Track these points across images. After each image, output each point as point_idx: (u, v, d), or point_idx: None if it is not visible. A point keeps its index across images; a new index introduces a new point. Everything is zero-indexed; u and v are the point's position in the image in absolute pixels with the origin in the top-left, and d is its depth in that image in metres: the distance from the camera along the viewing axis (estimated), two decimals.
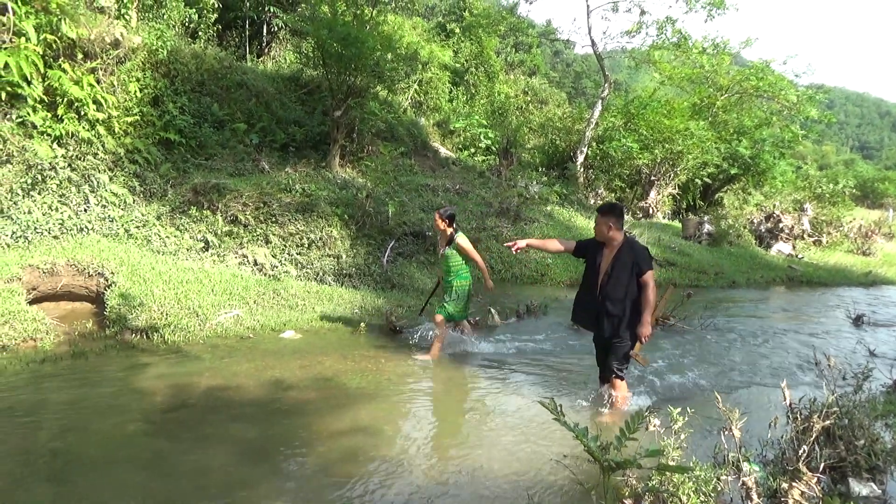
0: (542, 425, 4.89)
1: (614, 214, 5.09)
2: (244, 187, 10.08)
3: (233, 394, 5.39)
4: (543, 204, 14.58)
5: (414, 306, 8.78)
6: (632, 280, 5.01)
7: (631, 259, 5.02)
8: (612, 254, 5.11)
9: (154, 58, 10.98)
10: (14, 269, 6.88)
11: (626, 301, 5.04)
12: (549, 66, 47.60)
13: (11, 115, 8.66)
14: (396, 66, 13.43)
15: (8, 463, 4.02)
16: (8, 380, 5.26)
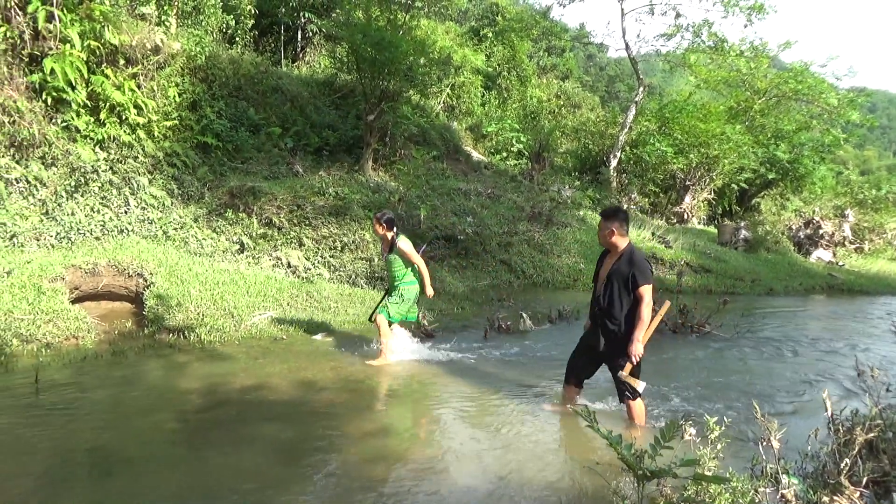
0: (574, 432, 4.85)
1: (618, 219, 4.78)
2: (279, 190, 10.21)
3: (266, 394, 5.45)
4: (576, 208, 14.48)
5: (446, 310, 8.80)
6: (628, 293, 4.68)
7: (629, 270, 4.67)
8: (612, 262, 4.81)
9: (192, 63, 11.23)
10: (58, 269, 7.09)
11: (621, 315, 4.72)
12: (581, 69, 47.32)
13: (57, 119, 8.93)
14: (429, 71, 13.50)
15: (51, 457, 4.13)
16: (51, 376, 5.40)
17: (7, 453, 4.12)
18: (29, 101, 8.64)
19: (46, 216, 8.17)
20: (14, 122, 8.35)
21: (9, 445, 4.23)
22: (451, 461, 4.35)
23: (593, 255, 12.40)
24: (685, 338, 8.19)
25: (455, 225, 11.11)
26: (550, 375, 6.41)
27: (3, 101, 8.33)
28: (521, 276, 11.04)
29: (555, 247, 12.13)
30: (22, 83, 8.71)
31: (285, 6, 16.37)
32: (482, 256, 10.99)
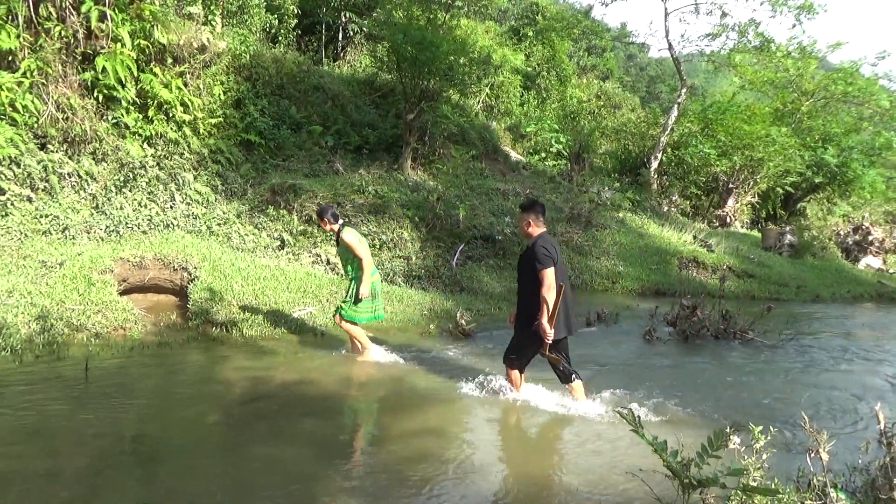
0: (615, 437, 4.78)
1: (534, 211, 5.03)
2: (319, 188, 10.33)
3: (306, 389, 5.51)
4: (615, 210, 14.28)
5: (483, 310, 8.78)
6: (536, 279, 4.86)
7: (532, 257, 4.92)
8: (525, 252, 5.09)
9: (237, 62, 11.43)
10: (107, 262, 7.29)
11: (528, 297, 4.97)
12: (622, 69, 46.73)
13: (107, 116, 9.18)
14: (469, 70, 13.48)
15: (100, 443, 4.25)
16: (100, 365, 5.55)
17: (59, 437, 4.26)
18: (81, 99, 8.90)
19: (96, 210, 8.41)
20: (67, 118, 8.61)
21: (61, 430, 4.37)
22: (488, 462, 4.33)
23: (633, 257, 12.25)
24: (728, 344, 8.01)
25: (493, 225, 11.07)
26: (589, 379, 6.34)
27: (58, 98, 8.60)
28: None
29: (593, 248, 12.00)
30: (75, 81, 8.97)
31: (327, 6, 16.55)
32: None
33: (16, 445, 4.18)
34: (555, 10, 25.43)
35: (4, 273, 6.61)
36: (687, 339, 8.01)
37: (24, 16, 8.43)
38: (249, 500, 3.65)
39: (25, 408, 4.67)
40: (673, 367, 6.97)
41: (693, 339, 8.02)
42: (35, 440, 4.24)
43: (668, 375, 6.62)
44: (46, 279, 6.72)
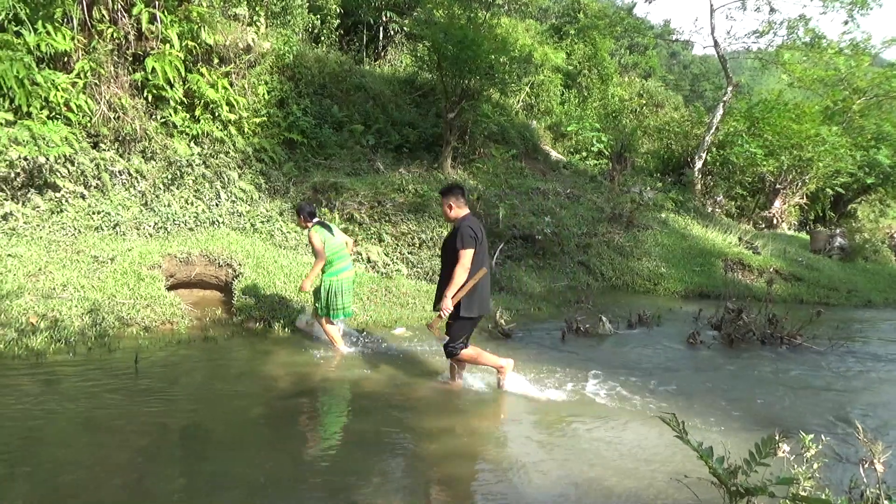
0: (656, 441, 4.69)
1: (453, 194, 5.15)
2: (360, 186, 10.42)
3: (347, 385, 5.57)
4: (658, 211, 14.05)
5: (523, 310, 8.74)
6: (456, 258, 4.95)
7: (455, 237, 5.01)
8: (449, 234, 5.21)
9: (281, 62, 11.61)
10: (156, 258, 7.48)
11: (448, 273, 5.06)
12: (665, 67, 45.94)
13: (156, 115, 9.42)
14: (510, 69, 13.43)
15: (148, 434, 4.36)
16: (149, 358, 5.70)
17: (110, 427, 4.38)
18: (132, 99, 9.15)
19: (145, 207, 8.63)
20: (119, 117, 8.86)
21: (112, 419, 4.49)
22: (527, 463, 4.30)
23: (675, 259, 12.03)
24: (775, 349, 7.80)
25: (533, 225, 11.00)
26: (630, 381, 6.25)
27: (110, 98, 8.86)
28: (599, 279, 10.82)
29: (635, 249, 11.82)
30: (126, 81, 9.23)
31: (368, 6, 16.68)
32: (560, 257, 10.85)
33: (70, 434, 4.33)
34: (597, 8, 25.15)
35: (59, 267, 6.83)
36: (732, 343, 7.82)
37: (78, 18, 8.70)
38: (290, 492, 3.70)
39: (78, 398, 4.82)
40: (718, 372, 6.82)
41: (738, 343, 7.83)
42: (88, 429, 4.38)
43: (712, 380, 6.49)
44: (98, 274, 6.93)
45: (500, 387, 5.51)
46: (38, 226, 7.52)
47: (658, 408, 5.39)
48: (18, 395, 4.82)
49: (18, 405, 4.65)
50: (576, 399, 5.59)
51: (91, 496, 3.50)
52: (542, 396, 5.46)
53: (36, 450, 4.06)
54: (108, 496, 3.51)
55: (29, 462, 3.85)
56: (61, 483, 3.64)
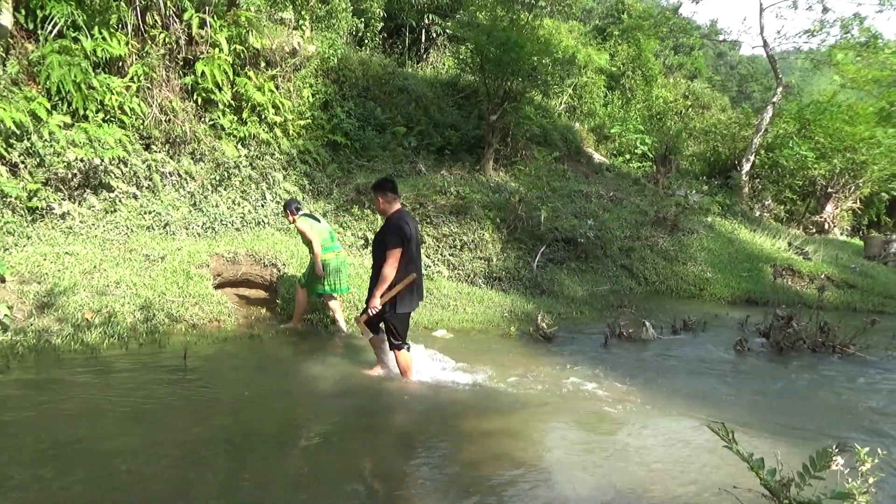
0: (707, 450, 4.59)
1: (385, 189, 5.23)
2: (402, 188, 10.45)
3: (389, 386, 5.59)
4: (703, 214, 13.77)
5: (564, 314, 8.67)
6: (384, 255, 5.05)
7: (385, 231, 5.13)
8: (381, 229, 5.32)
9: (325, 65, 11.75)
10: (204, 257, 7.65)
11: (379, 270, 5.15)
12: (711, 68, 44.98)
13: (205, 118, 9.64)
14: (553, 71, 13.33)
15: (195, 428, 4.47)
16: (197, 355, 5.83)
17: (160, 420, 4.50)
18: (182, 102, 9.39)
19: (194, 207, 8.85)
20: (169, 120, 9.10)
21: (161, 413, 4.61)
22: (568, 469, 4.25)
23: (722, 264, 11.77)
24: (826, 358, 7.55)
25: (575, 228, 10.90)
26: (674, 387, 6.14)
27: (161, 101, 9.10)
28: (643, 283, 10.66)
29: (680, 254, 11.60)
30: (177, 85, 9.48)
31: (410, 9, 16.79)
32: (602, 261, 10.72)
33: (122, 426, 4.46)
34: (641, 8, 24.79)
35: (113, 265, 7.05)
36: (781, 351, 7.61)
37: (132, 24, 8.97)
38: (333, 490, 3.74)
39: (130, 391, 4.97)
40: (766, 380, 6.64)
41: (788, 351, 7.61)
42: (138, 421, 4.50)
43: (761, 388, 6.32)
44: (149, 272, 7.12)
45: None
46: (93, 225, 7.78)
47: (705, 415, 5.28)
48: (75, 388, 4.99)
49: (75, 397, 4.81)
50: (618, 403, 5.51)
51: (140, 489, 3.60)
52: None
53: (90, 441, 4.20)
54: (157, 489, 3.60)
55: (83, 453, 3.99)
56: (114, 473, 3.76)
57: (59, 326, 5.90)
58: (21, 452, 3.87)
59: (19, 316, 5.89)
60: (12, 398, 4.60)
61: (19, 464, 3.74)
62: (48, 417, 4.40)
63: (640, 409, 5.47)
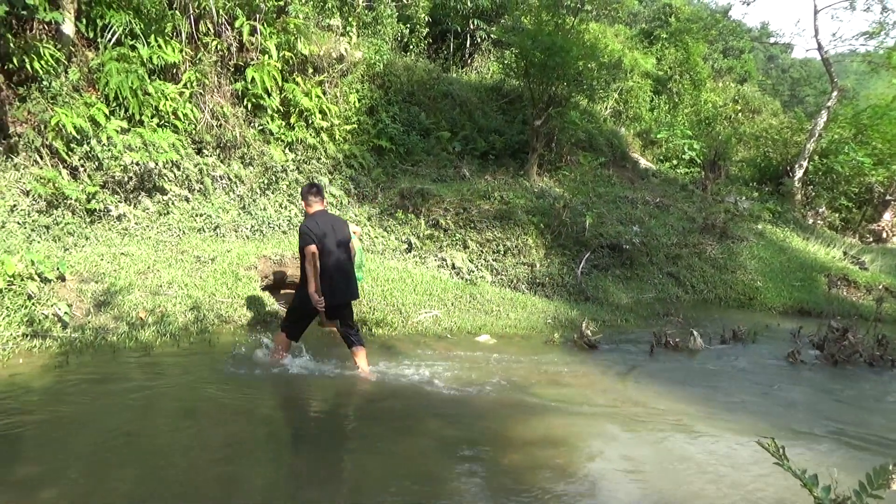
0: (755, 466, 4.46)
1: (308, 193, 5.65)
2: (446, 193, 10.51)
3: (432, 390, 5.60)
4: (754, 222, 13.42)
5: (609, 321, 8.55)
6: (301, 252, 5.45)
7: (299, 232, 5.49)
8: None
9: (371, 71, 11.88)
10: (252, 259, 7.81)
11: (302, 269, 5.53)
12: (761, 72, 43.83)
13: (254, 123, 9.85)
14: (598, 75, 13.19)
15: (239, 425, 4.56)
16: (245, 355, 5.93)
17: (207, 419, 4.61)
18: (233, 107, 9.62)
19: (243, 210, 9.05)
20: (220, 125, 9.33)
21: (209, 412, 4.72)
22: (613, 479, 4.19)
23: (773, 273, 11.45)
24: (885, 372, 7.27)
25: (621, 234, 10.75)
26: (722, 399, 5.99)
27: (213, 106, 9.34)
28: (690, 291, 10.44)
29: (729, 262, 11.32)
30: (228, 91, 9.72)
31: (455, 14, 16.82)
32: (648, 268, 10.54)
33: (174, 422, 4.59)
34: (689, 11, 24.32)
35: (166, 266, 7.25)
36: (836, 363, 7.36)
37: (186, 32, 9.23)
38: (374, 493, 3.77)
39: (180, 389, 5.11)
40: (820, 394, 6.44)
41: (843, 364, 7.36)
42: (188, 418, 4.63)
43: (814, 402, 6.13)
44: (200, 273, 7.30)
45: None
46: (147, 226, 8.02)
47: (755, 428, 5.14)
48: (129, 384, 5.16)
49: (129, 393, 4.97)
50: (665, 414, 5.41)
51: (189, 485, 3.68)
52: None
53: (143, 436, 4.33)
54: (204, 485, 3.68)
55: (136, 448, 4.11)
56: (164, 468, 3.87)
57: (114, 324, 6.10)
58: (77, 445, 4.02)
59: (78, 313, 6.11)
60: (70, 392, 4.77)
61: (76, 456, 3.87)
62: (103, 412, 4.56)
63: (687, 420, 5.35)
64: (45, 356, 5.39)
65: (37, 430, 4.15)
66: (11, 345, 5.43)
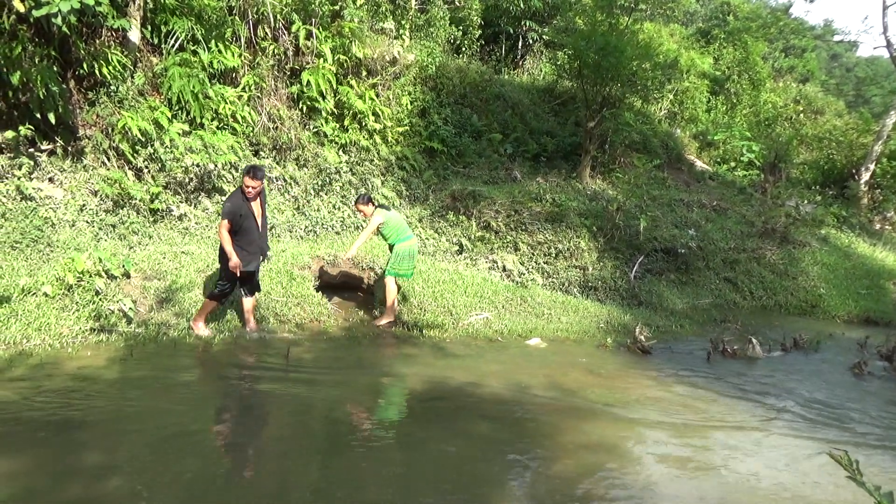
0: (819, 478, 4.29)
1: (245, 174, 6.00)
2: (497, 195, 10.47)
3: (482, 393, 5.58)
4: (817, 226, 12.94)
5: (664, 327, 8.37)
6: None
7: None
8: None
9: (424, 73, 11.96)
10: (306, 259, 7.95)
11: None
12: (824, 71, 42.24)
13: (309, 125, 10.02)
14: (654, 76, 12.94)
15: (294, 422, 4.64)
16: (299, 355, 6.03)
17: (262, 416, 4.71)
18: (289, 110, 9.81)
19: (297, 211, 9.21)
20: (277, 128, 9.53)
21: (263, 410, 4.83)
22: (666, 487, 4.09)
23: (837, 280, 11.03)
24: None
25: (676, 238, 10.51)
26: (784, 409, 5.77)
27: (270, 109, 9.55)
28: (748, 298, 10.13)
29: (790, 267, 10.94)
30: (284, 94, 9.92)
31: (508, 16, 16.76)
32: (704, 273, 10.27)
33: (229, 418, 4.71)
34: (748, 10, 23.62)
35: None
36: None
37: (245, 37, 9.47)
38: (424, 494, 3.77)
39: (237, 387, 5.24)
40: (891, 407, 6.14)
41: None
42: (244, 415, 4.74)
43: (884, 415, 5.85)
44: None
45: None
46: (207, 226, 8.25)
47: (821, 439, 4.95)
48: (189, 380, 5.31)
49: (190, 387, 5.12)
50: (723, 424, 5.25)
51: (244, 481, 3.77)
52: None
53: (200, 432, 4.45)
54: (258, 482, 3.76)
55: (193, 443, 4.22)
56: (220, 464, 3.97)
57: (176, 321, 6.29)
58: (140, 436, 4.15)
59: (142, 310, 6.33)
60: (134, 385, 4.93)
61: (139, 446, 4.00)
62: (164, 404, 4.70)
63: (745, 430, 5.19)
64: (110, 350, 5.59)
65: (103, 421, 4.30)
66: (80, 338, 5.66)
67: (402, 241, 7.21)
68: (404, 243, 7.21)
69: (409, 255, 7.25)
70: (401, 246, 7.19)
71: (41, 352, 5.34)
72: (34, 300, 5.87)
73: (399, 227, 7.27)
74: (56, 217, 7.16)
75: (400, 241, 7.21)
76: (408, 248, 7.23)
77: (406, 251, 7.21)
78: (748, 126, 18.71)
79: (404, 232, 7.29)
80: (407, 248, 7.22)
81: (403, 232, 7.28)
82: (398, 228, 7.25)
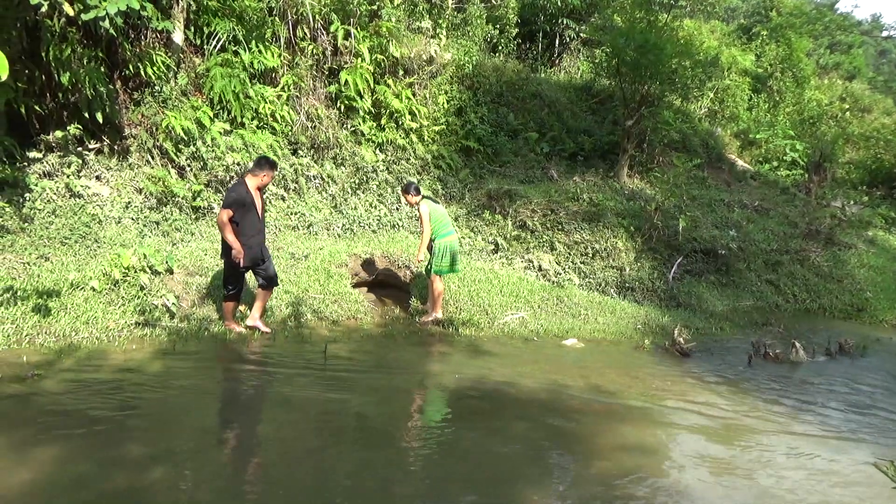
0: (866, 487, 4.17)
1: (271, 167, 6.22)
2: (533, 194, 10.42)
3: (518, 392, 5.56)
4: (863, 228, 12.57)
5: (703, 329, 8.23)
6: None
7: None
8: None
9: (460, 72, 11.96)
10: (343, 257, 8.02)
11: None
12: (872, 67, 40.93)
13: (347, 124, 10.11)
14: (694, 74, 12.70)
15: (330, 420, 4.68)
16: (336, 353, 6.08)
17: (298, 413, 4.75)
18: (327, 109, 9.92)
19: (335, 209, 9.31)
20: (315, 127, 9.64)
21: (300, 406, 4.87)
22: (704, 491, 4.02)
23: (885, 283, 10.71)
24: None
25: (716, 238, 10.31)
26: (828, 416, 5.62)
27: (308, 109, 9.66)
28: (791, 300, 9.88)
29: (835, 270, 10.64)
30: (322, 93, 10.03)
31: (545, 14, 16.64)
32: (745, 274, 10.05)
33: (267, 414, 4.79)
34: (792, 5, 23.02)
35: None
36: None
37: (284, 37, 9.60)
38: (460, 493, 3.78)
39: (275, 382, 5.31)
40: None
41: None
42: (284, 409, 4.80)
43: None
44: (294, 269, 7.57)
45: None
46: None
47: (866, 449, 4.80)
48: (229, 374, 5.41)
49: (230, 382, 5.22)
50: (764, 429, 5.14)
51: (283, 471, 3.82)
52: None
53: (238, 426, 4.53)
54: (298, 473, 3.81)
55: (236, 433, 4.30)
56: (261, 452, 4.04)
57: (217, 316, 6.41)
58: (183, 428, 4.24)
59: (184, 305, 6.47)
60: (177, 379, 5.04)
61: (182, 438, 4.09)
62: (206, 398, 4.80)
63: (785, 435, 5.08)
64: (154, 344, 5.73)
65: (147, 413, 4.41)
66: (126, 332, 5.81)
67: (442, 236, 7.23)
68: (444, 238, 7.23)
69: (451, 251, 7.25)
70: (441, 241, 7.21)
71: (88, 344, 5.50)
72: (82, 294, 6.05)
73: (441, 221, 7.28)
74: (103, 214, 7.36)
75: (440, 236, 7.22)
76: (448, 244, 7.25)
77: (446, 247, 7.22)
78: (791, 125, 18.25)
79: (446, 227, 7.30)
80: (447, 244, 7.24)
81: (445, 227, 7.29)
82: (440, 222, 7.26)
